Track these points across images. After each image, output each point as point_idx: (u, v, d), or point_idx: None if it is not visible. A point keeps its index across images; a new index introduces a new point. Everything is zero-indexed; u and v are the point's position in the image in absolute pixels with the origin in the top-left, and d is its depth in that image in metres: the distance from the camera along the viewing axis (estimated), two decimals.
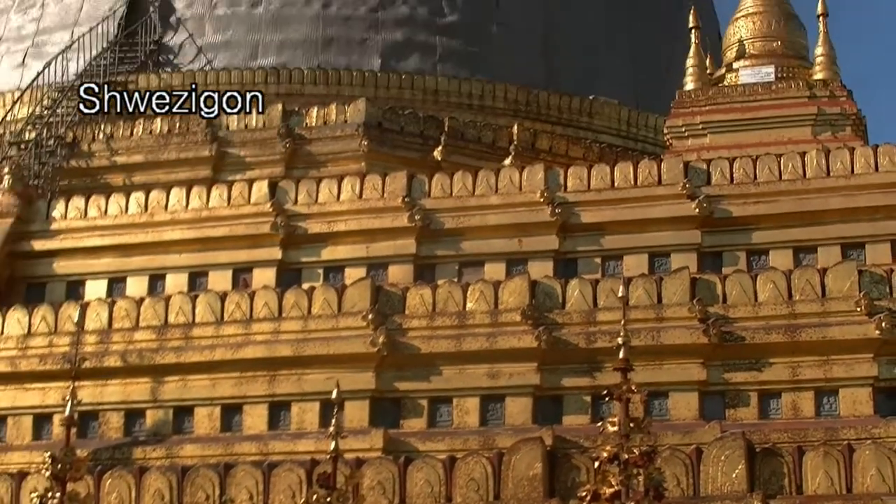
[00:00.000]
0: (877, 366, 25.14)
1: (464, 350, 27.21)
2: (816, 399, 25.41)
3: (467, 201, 32.60)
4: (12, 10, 48.39)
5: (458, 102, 42.41)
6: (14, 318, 29.78)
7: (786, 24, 36.46)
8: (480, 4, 45.74)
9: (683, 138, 34.76)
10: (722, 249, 30.69)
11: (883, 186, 30.14)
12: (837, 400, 25.28)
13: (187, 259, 33.34)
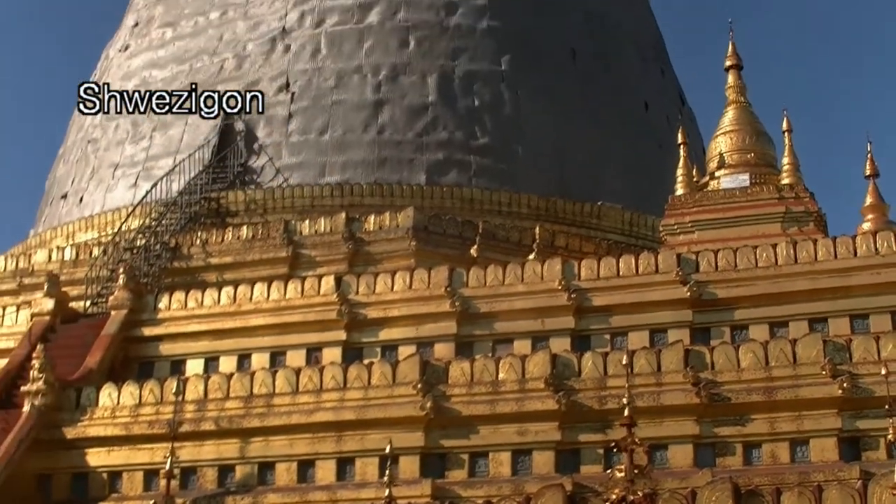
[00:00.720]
0: (840, 419, 25.20)
1: (497, 412, 27.34)
2: (791, 448, 25.44)
3: (498, 290, 32.85)
4: (127, 142, 49.07)
5: (490, 209, 42.75)
6: (127, 391, 30.03)
7: (757, 139, 36.88)
8: (506, 129, 46.08)
9: (675, 234, 35.05)
10: (710, 325, 30.80)
11: (841, 271, 30.30)
12: (809, 448, 25.31)
13: (268, 341, 33.58)
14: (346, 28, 47.85)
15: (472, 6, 48.38)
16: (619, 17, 53.16)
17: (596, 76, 49.37)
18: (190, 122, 47.36)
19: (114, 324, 34.41)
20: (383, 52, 47.12)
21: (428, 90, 46.34)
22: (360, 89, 46.39)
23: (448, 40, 47.49)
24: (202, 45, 49.68)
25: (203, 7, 51.00)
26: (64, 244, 44.44)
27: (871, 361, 25.41)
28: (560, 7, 50.28)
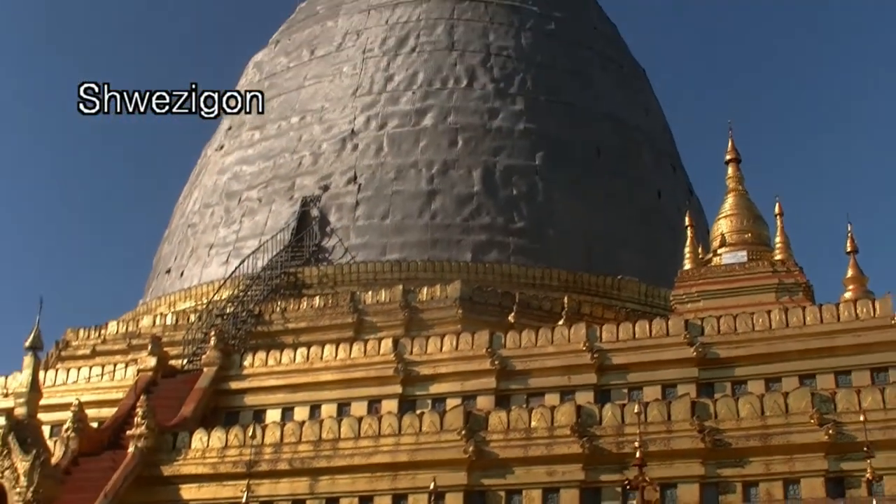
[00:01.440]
0: (826, 462, 24.84)
1: (529, 455, 27.14)
2: (784, 487, 25.09)
3: (531, 350, 32.69)
4: (220, 226, 49.35)
5: (525, 282, 42.63)
6: (215, 436, 29.95)
7: (753, 222, 36.82)
8: (539, 214, 46.05)
9: (684, 303, 34.85)
10: (713, 381, 30.51)
11: (827, 334, 30.06)
12: (799, 487, 24.95)
13: (336, 394, 33.48)
14: (404, 130, 48.04)
15: (510, 111, 48.51)
16: (638, 121, 53.17)
17: (617, 170, 49.27)
18: (273, 209, 47.68)
19: (205, 379, 34.51)
20: (436, 150, 47.24)
21: (473, 182, 46.39)
22: (416, 181, 46.48)
23: (490, 140, 47.59)
24: (284, 144, 50.00)
25: (285, 113, 51.39)
26: (166, 311, 44.66)
27: (853, 411, 25.09)
28: (587, 112, 50.39)
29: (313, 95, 51.22)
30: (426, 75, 49.78)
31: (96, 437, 31.69)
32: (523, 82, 49.87)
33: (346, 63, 51.73)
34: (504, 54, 50.88)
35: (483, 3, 53.11)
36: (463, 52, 50.67)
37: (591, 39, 55.12)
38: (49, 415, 33.61)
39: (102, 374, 36.89)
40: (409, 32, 51.77)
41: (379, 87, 49.89)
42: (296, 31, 56.57)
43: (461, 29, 51.70)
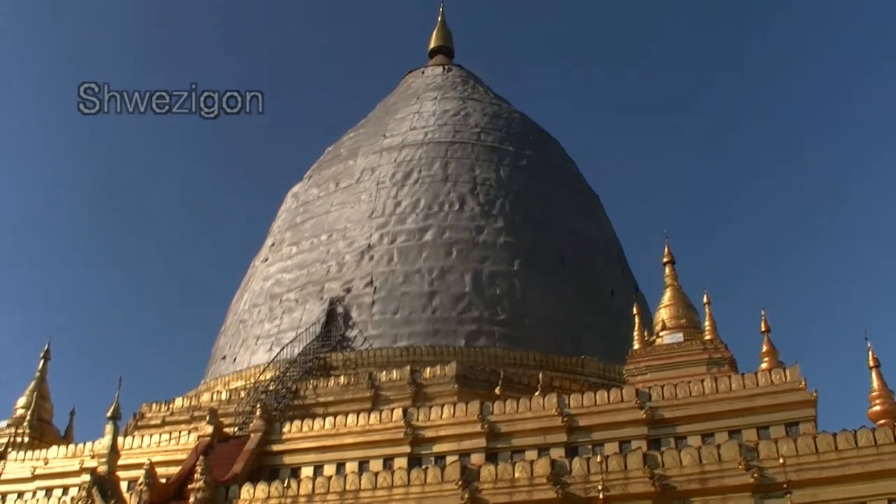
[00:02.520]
0: (753, 499, 24.59)
1: (514, 500, 26.84)
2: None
3: (514, 416, 32.13)
4: (265, 321, 49.10)
5: (508, 362, 42.17)
6: (260, 488, 29.40)
7: (686, 310, 36.60)
8: (518, 309, 45.98)
9: (635, 376, 34.39)
10: (660, 437, 29.98)
11: (748, 397, 29.64)
12: None
13: (357, 454, 32.82)
14: (410, 244, 48.05)
15: (493, 228, 48.65)
16: (593, 234, 53.34)
17: (577, 273, 49.27)
18: (307, 307, 47.51)
19: (252, 442, 33.87)
20: (435, 259, 47.22)
21: (465, 284, 46.31)
22: (420, 284, 46.39)
23: (478, 251, 47.61)
24: (315, 256, 50.00)
25: (316, 232, 51.52)
26: (222, 389, 44.10)
27: (773, 458, 24.86)
28: (553, 228, 50.53)
29: (338, 218, 51.36)
30: (426, 201, 49.98)
31: (164, 490, 31.01)
32: (503, 205, 50.06)
33: (363, 192, 51.97)
34: (487, 184, 51.13)
35: (470, 145, 53.59)
36: (455, 182, 50.93)
37: (555, 171, 55.52)
38: (127, 472, 32.98)
39: (170, 440, 36.27)
40: (413, 168, 52.07)
41: (389, 211, 50.02)
42: (324, 168, 56.96)
43: (453, 165, 52.04)
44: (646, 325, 37.38)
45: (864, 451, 24.45)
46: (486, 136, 54.86)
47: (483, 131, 55.22)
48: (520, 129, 57.61)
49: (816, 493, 24.17)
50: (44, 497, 33.93)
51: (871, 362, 31.86)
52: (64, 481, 35.87)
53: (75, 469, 35.48)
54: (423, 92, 61.18)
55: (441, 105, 58.01)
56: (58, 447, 38.63)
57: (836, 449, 24.77)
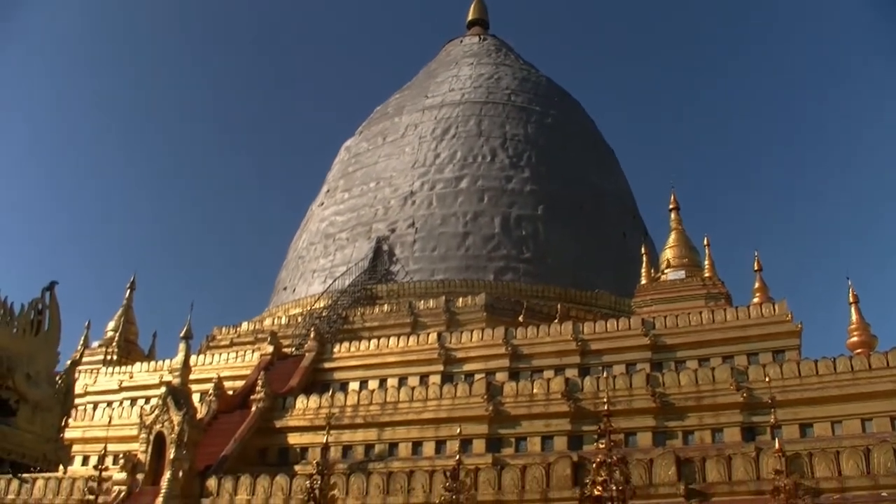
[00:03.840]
0: (742, 415, 24.38)
1: (532, 412, 26.47)
2: (712, 434, 24.63)
3: (534, 341, 31.95)
4: (320, 258, 49.03)
5: (531, 295, 41.88)
6: (312, 399, 29.51)
7: (689, 250, 36.10)
8: (541, 248, 45.52)
9: (641, 307, 34.07)
10: (662, 361, 29.65)
11: (741, 327, 29.25)
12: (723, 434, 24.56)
13: (397, 371, 32.87)
14: (447, 191, 47.57)
15: (520, 178, 48.01)
16: (608, 185, 52.50)
17: (593, 218, 48.60)
18: (356, 245, 47.35)
19: (307, 361, 34.01)
20: (469, 204, 46.76)
21: (495, 226, 45.85)
22: (455, 226, 46.00)
23: (506, 197, 47.06)
24: (364, 201, 49.73)
25: (366, 180, 51.17)
26: (282, 315, 44.23)
27: (761, 380, 24.39)
28: (573, 178, 49.76)
29: (385, 168, 50.95)
30: (462, 153, 49.38)
31: (230, 401, 31.31)
32: (529, 158, 49.34)
33: (407, 146, 51.47)
34: (516, 139, 50.37)
35: (501, 104, 52.76)
36: (488, 137, 50.23)
37: (576, 129, 54.60)
38: (200, 385, 33.37)
39: (236, 358, 36.53)
40: (451, 125, 51.41)
41: (430, 162, 49.50)
42: (373, 125, 56.47)
43: (486, 122, 51.31)
44: (652, 264, 36.88)
45: (841, 377, 23.96)
46: (516, 97, 53.99)
47: (513, 93, 54.34)
48: (546, 91, 56.63)
49: (798, 412, 23.74)
50: (128, 405, 34.35)
51: (851, 299, 31.54)
52: (146, 392, 36.35)
53: (155, 382, 35.91)
54: (460, 58, 60.27)
55: (476, 70, 57.12)
56: (141, 364, 39.13)
57: (816, 374, 24.30)
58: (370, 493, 23.02)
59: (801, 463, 19.82)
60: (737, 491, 20.03)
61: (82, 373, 39.62)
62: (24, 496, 28.44)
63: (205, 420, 28.81)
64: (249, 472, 25.28)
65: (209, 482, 25.13)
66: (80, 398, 37.34)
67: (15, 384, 9.58)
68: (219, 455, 27.26)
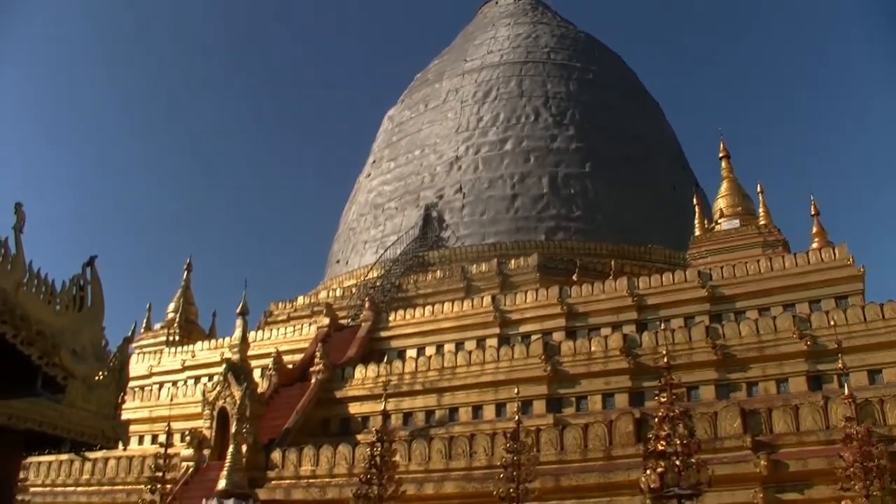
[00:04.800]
0: (807, 364, 23.52)
1: (591, 371, 26.00)
2: (777, 385, 23.77)
3: (590, 298, 31.39)
4: (371, 228, 48.80)
5: (583, 253, 41.08)
6: (371, 368, 29.35)
7: (742, 199, 35.11)
8: (591, 206, 44.70)
9: (696, 259, 33.24)
10: (721, 312, 28.90)
11: (800, 274, 28.39)
12: (788, 384, 23.58)
13: (453, 336, 32.56)
14: (492, 154, 46.89)
15: (565, 136, 47.14)
16: (655, 137, 51.32)
17: (642, 172, 47.54)
18: (405, 214, 47.01)
19: (363, 331, 33.87)
20: (515, 166, 46.04)
21: (543, 186, 45.11)
22: (503, 188, 45.37)
23: (552, 157, 46.25)
24: (411, 169, 49.28)
25: (411, 148, 50.68)
26: (336, 287, 44.16)
27: (825, 327, 23.63)
28: (619, 133, 48.66)
29: (429, 135, 50.38)
30: (505, 115, 48.57)
31: (290, 374, 31.31)
32: (573, 115, 48.36)
33: (449, 111, 50.79)
34: (558, 97, 49.39)
35: (541, 63, 51.75)
36: (529, 97, 49.32)
37: (618, 83, 53.34)
38: (259, 361, 33.42)
39: (294, 332, 36.51)
40: (492, 87, 50.58)
41: (473, 126, 48.80)
42: (415, 92, 55.83)
43: (527, 82, 50.38)
44: (705, 215, 35.98)
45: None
46: (556, 54, 52.89)
47: (552, 51, 53.23)
48: (585, 47, 55.39)
49: (865, 358, 22.90)
50: (192, 384, 34.65)
51: None
52: (208, 370, 36.57)
53: (217, 360, 36.08)
54: (497, 20, 59.19)
55: (514, 30, 56.03)
56: (202, 342, 39.39)
57: (883, 318, 23.41)
58: (432, 459, 22.80)
59: (872, 410, 19.08)
60: (806, 441, 19.37)
61: (146, 354, 40.14)
62: (97, 475, 28.83)
63: (266, 394, 28.84)
64: (312, 444, 25.26)
65: (273, 455, 25.14)
66: (146, 379, 37.79)
67: (61, 360, 9.43)
68: (282, 428, 27.29)
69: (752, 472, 18.84)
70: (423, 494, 21.70)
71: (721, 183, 36.39)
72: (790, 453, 19.19)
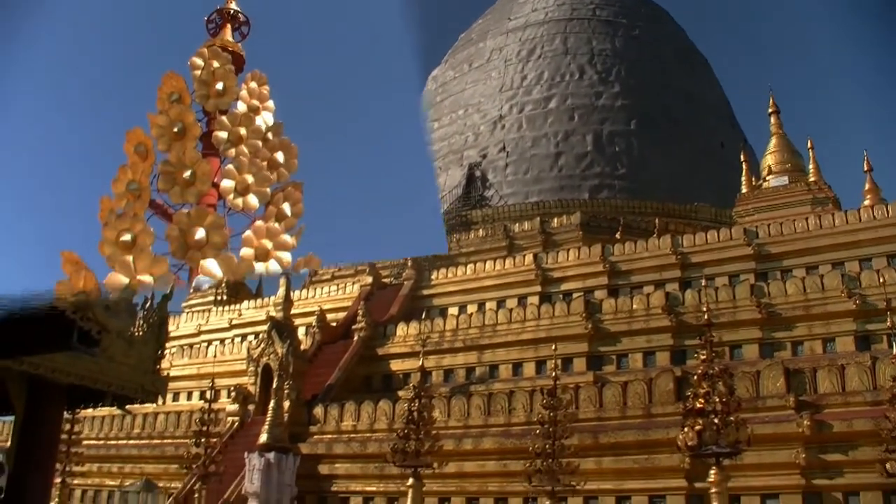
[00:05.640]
0: (855, 324, 22.94)
1: (633, 329, 25.57)
2: (823, 344, 23.31)
3: (633, 256, 30.75)
4: None
5: (627, 211, 40.47)
6: (412, 325, 29.31)
7: (791, 155, 34.03)
8: (635, 164, 44.06)
9: (743, 217, 32.51)
10: (767, 270, 28.09)
11: (851, 231, 27.37)
12: (835, 344, 23.11)
13: (495, 294, 32.19)
14: (536, 112, 46.27)
15: (611, 93, 46.30)
16: (703, 94, 50.17)
17: (688, 129, 46.59)
18: (449, 173, 46.78)
19: (406, 289, 33.80)
20: (559, 124, 45.39)
21: (587, 144, 44.45)
22: (546, 147, 44.81)
23: (597, 114, 45.48)
24: (454, 129, 48.92)
25: (454, 108, 50.29)
26: None
27: (875, 286, 22.90)
28: (665, 90, 47.70)
29: (472, 94, 49.87)
30: (549, 73, 47.81)
31: (333, 331, 31.37)
32: (619, 73, 47.44)
33: (493, 70, 50.14)
34: (604, 54, 48.45)
35: (586, 20, 50.72)
36: (574, 55, 48.45)
37: (666, 40, 52.13)
38: (304, 319, 33.42)
39: (338, 290, 36.54)
40: (536, 45, 49.76)
41: (517, 84, 48.13)
42: (458, 52, 55.22)
43: (572, 39, 49.45)
44: (753, 172, 35.05)
45: None
46: (601, 11, 51.77)
47: (598, 7, 52.10)
48: (632, 3, 54.08)
49: None
50: (238, 342, 34.87)
51: None
52: (254, 329, 36.70)
53: (262, 318, 36.09)
54: None
55: None
56: (248, 302, 39.58)
57: None
58: (471, 415, 22.68)
59: None
60: (851, 402, 18.77)
61: (195, 313, 40.52)
62: (147, 429, 29.29)
63: (310, 351, 28.95)
64: (354, 400, 25.29)
65: (316, 410, 25.24)
66: (195, 337, 38.18)
67: (94, 315, 9.52)
68: (325, 384, 27.38)
69: (794, 432, 18.34)
70: (462, 450, 21.59)
71: (770, 139, 35.41)
72: (834, 413, 18.64)
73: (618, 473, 19.81)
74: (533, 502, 19.86)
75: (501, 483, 21.11)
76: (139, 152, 6.02)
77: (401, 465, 17.96)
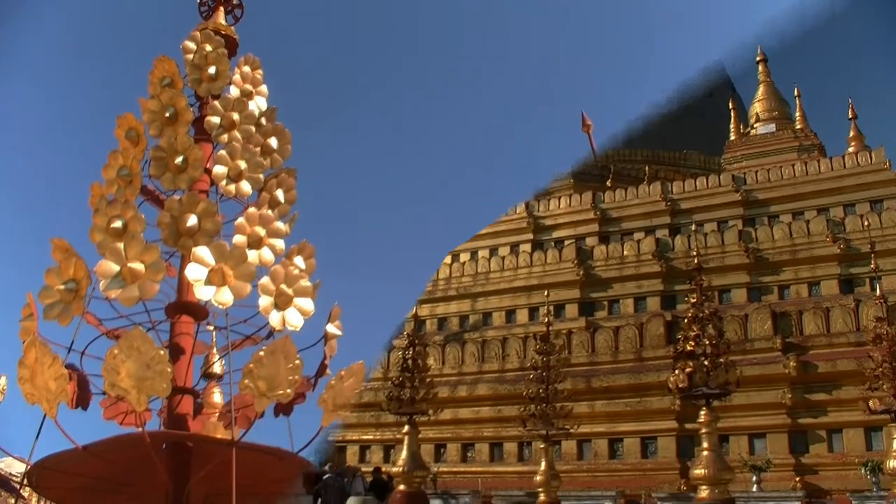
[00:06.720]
0: (839, 268, 23.14)
1: (623, 275, 26.09)
2: (809, 288, 23.57)
3: (623, 203, 30.92)
4: None
5: (618, 159, 40.33)
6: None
7: (778, 103, 34.01)
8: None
9: (731, 164, 32.45)
10: (754, 216, 28.27)
11: (836, 178, 27.47)
12: (820, 287, 23.43)
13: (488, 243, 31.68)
14: None
15: None
16: None
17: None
18: None
19: None
20: None
21: None
22: None
23: None
24: None
25: None
26: None
27: (859, 230, 23.26)
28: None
29: None
30: None
31: None
32: None
33: None
34: None
35: None
36: None
37: None
38: None
39: None
40: None
41: None
42: None
43: None
44: (741, 120, 35.05)
45: None
46: None
47: None
48: None
49: None
50: None
51: None
52: None
53: None
54: None
55: None
56: None
57: None
58: (465, 362, 23.06)
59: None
60: (836, 343, 19.24)
61: None
62: None
63: None
64: None
65: None
66: None
67: None
68: None
69: (780, 373, 18.79)
70: (457, 397, 21.98)
71: (758, 87, 35.35)
72: (819, 354, 19.10)
73: (610, 416, 20.25)
74: (527, 446, 20.28)
75: (496, 428, 21.53)
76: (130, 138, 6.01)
77: (396, 413, 18.24)
